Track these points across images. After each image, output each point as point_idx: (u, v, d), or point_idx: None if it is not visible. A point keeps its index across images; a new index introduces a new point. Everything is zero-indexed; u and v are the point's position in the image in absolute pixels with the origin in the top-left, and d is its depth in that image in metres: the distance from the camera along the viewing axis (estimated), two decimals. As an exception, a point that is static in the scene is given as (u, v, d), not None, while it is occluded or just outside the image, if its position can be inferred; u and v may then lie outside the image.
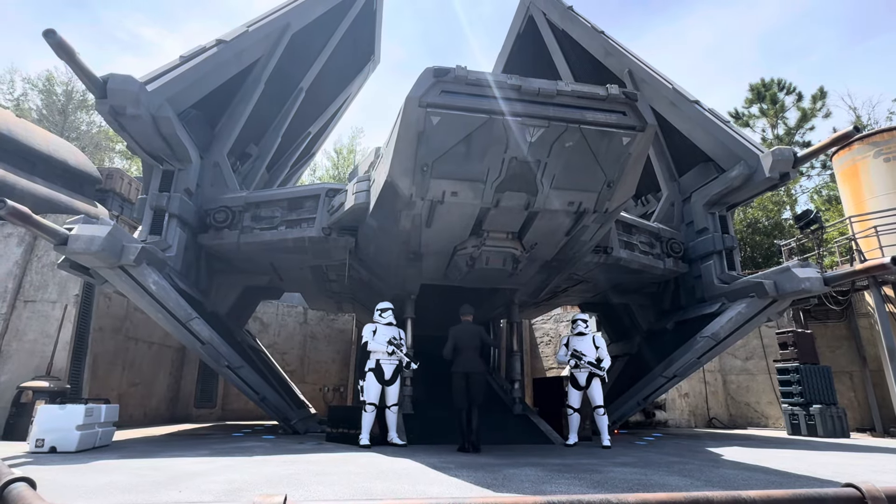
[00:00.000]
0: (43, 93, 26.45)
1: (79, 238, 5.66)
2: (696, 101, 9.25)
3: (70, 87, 26.58)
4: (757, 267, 17.76)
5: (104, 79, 6.39)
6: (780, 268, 7.80)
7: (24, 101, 26.33)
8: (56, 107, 26.16)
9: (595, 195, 5.82)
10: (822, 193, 22.72)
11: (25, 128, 9.94)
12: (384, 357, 6.51)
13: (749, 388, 12.76)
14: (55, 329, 7.66)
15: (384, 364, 6.50)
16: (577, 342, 7.16)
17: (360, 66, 14.91)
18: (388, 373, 6.49)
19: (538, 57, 13.57)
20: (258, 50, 9.12)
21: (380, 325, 6.73)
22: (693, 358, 8.15)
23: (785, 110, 24.76)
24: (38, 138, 10.02)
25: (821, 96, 24.04)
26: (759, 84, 25.20)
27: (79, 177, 10.39)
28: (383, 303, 7.01)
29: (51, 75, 26.46)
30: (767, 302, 7.75)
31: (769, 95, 24.88)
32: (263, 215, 8.01)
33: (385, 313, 6.86)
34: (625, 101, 5.28)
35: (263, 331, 14.57)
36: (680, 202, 9.91)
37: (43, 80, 26.46)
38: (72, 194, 9.84)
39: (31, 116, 24.73)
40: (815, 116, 24.03)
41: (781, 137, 24.07)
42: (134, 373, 10.38)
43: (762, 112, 25.15)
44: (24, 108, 25.72)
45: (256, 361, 9.03)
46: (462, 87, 5.05)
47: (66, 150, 10.59)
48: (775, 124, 24.77)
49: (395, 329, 6.84)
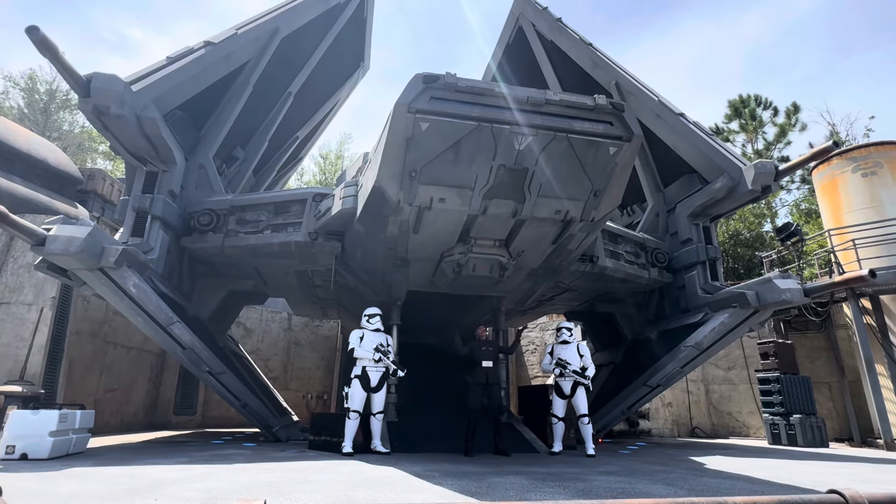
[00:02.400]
0: (25, 91, 25.94)
1: (57, 239, 5.53)
2: (680, 113, 9.40)
3: (53, 86, 26.13)
4: (739, 278, 18.04)
5: (88, 78, 6.27)
6: (762, 279, 7.91)
7: (4, 99, 25.81)
8: (38, 106, 25.67)
9: (582, 204, 5.86)
10: (801, 207, 23.21)
11: (4, 125, 9.72)
12: (371, 364, 6.40)
13: (731, 397, 12.89)
14: (30, 332, 7.45)
15: (370, 371, 6.39)
16: (562, 350, 7.17)
17: (349, 72, 14.90)
18: (374, 380, 6.39)
19: (527, 67, 13.70)
20: (247, 53, 9.06)
21: (367, 332, 6.64)
22: (677, 367, 8.22)
23: (763, 125, 25.31)
24: (17, 137, 9.80)
25: (794, 111, 24.63)
26: (738, 100, 25.75)
27: (59, 177, 10.17)
28: (371, 308, 6.91)
29: (34, 74, 26.00)
30: (750, 312, 7.86)
31: (748, 111, 25.43)
32: (249, 219, 7.92)
33: (373, 319, 6.77)
34: (612, 112, 5.34)
35: (247, 336, 14.34)
36: (665, 213, 10.03)
37: (25, 79, 25.97)
38: (51, 194, 9.62)
39: (11, 115, 24.22)
40: (791, 131, 24.60)
41: (761, 152, 24.58)
42: (112, 378, 10.13)
43: (741, 127, 25.68)
44: (5, 106, 25.20)
45: (239, 367, 8.87)
46: (451, 94, 5.05)
47: (46, 150, 10.37)
48: (754, 139, 25.30)
49: (383, 335, 6.77)
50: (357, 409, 6.19)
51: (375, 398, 6.36)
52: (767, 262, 14.49)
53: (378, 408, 6.35)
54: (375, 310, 6.91)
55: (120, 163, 25.27)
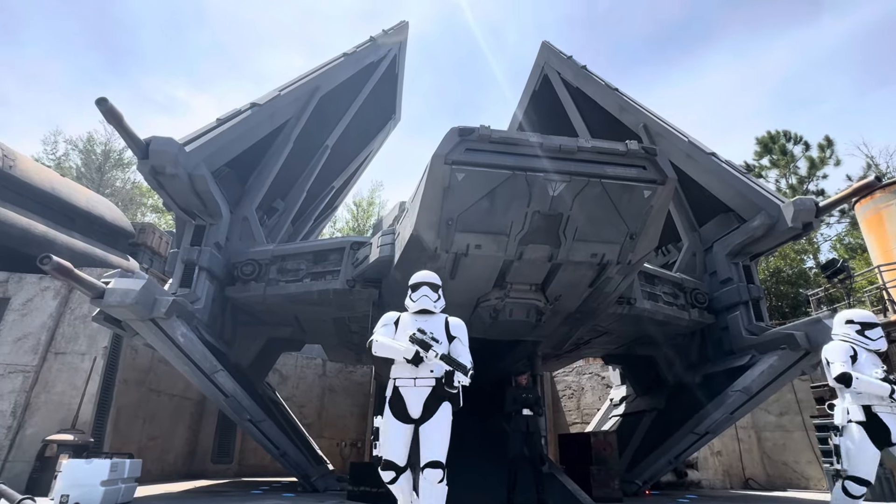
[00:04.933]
0: (83, 152, 27.94)
1: (115, 291, 5.82)
2: (711, 153, 9.37)
3: (108, 146, 28.11)
4: (784, 317, 17.28)
5: (147, 141, 6.76)
6: (810, 319, 7.59)
7: (65, 160, 27.82)
8: (94, 165, 27.56)
9: (618, 247, 5.85)
10: (845, 241, 22.33)
11: (68, 185, 10.46)
12: (405, 374, 3.76)
13: (786, 445, 12.09)
14: (83, 381, 7.72)
15: (406, 390, 3.73)
16: None
17: (382, 123, 15.55)
18: (414, 404, 3.68)
19: (554, 112, 14.00)
20: (288, 111, 9.61)
21: (405, 315, 4.09)
22: (725, 413, 7.83)
23: (795, 160, 24.85)
24: (78, 195, 10.51)
25: (828, 145, 24.15)
26: (766, 137, 25.48)
27: (114, 231, 10.79)
28: (419, 274, 4.27)
29: (91, 136, 28.08)
30: (800, 354, 7.50)
31: (778, 147, 25.09)
32: (289, 268, 8.16)
33: (418, 291, 4.10)
34: (645, 156, 5.40)
35: (282, 383, 14.45)
36: (702, 252, 9.84)
37: (84, 141, 28.06)
38: (107, 248, 10.19)
39: (70, 174, 26.03)
40: (825, 165, 24.04)
41: (795, 187, 24.03)
42: (154, 426, 10.31)
43: (773, 163, 25.28)
44: (66, 166, 27.13)
45: (277, 415, 8.92)
46: (486, 145, 5.24)
47: (103, 206, 11.06)
48: (787, 174, 24.80)
49: (438, 319, 4.04)
50: (393, 460, 3.59)
51: (424, 435, 3.65)
52: (814, 301, 13.87)
53: (432, 454, 3.57)
54: (425, 275, 4.25)
55: (167, 216, 26.64)
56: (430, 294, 4.12)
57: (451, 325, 4.05)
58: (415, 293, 4.13)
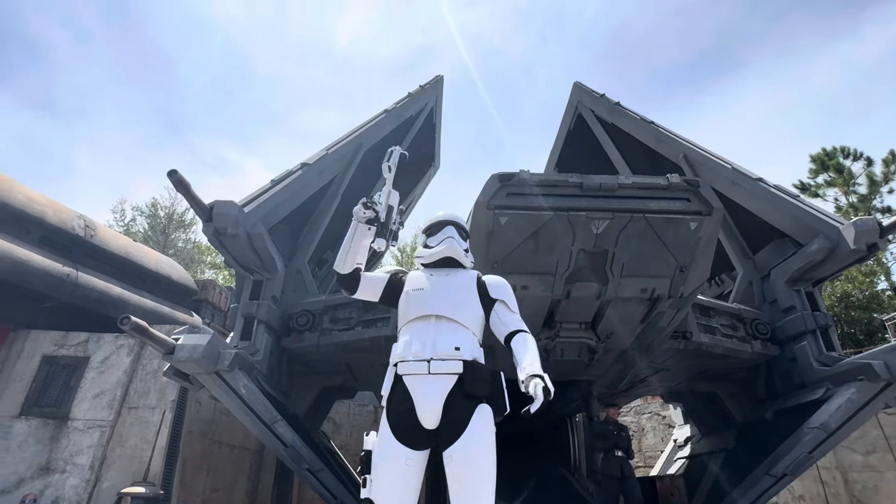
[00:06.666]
0: (149, 217, 30.19)
1: (184, 347, 6.18)
2: (759, 178, 9.12)
3: (171, 209, 30.28)
4: (858, 345, 16.01)
5: (210, 205, 7.31)
6: (889, 346, 7.04)
7: (133, 225, 30.11)
8: (159, 228, 29.65)
9: (668, 280, 5.73)
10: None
11: (139, 249, 11.32)
12: (411, 347, 2.48)
13: (878, 488, 10.95)
14: (153, 434, 8.09)
15: (413, 380, 2.38)
16: None
17: (422, 172, 16.09)
18: (427, 405, 2.30)
19: (591, 149, 14.09)
20: (336, 168, 10.16)
21: (414, 273, 2.97)
22: (803, 452, 7.24)
23: (854, 177, 23.61)
24: (148, 258, 11.34)
25: (893, 160, 22.85)
26: (821, 154, 24.44)
27: (179, 289, 11.50)
28: (441, 212, 3.16)
29: (156, 202, 30.41)
30: (881, 386, 6.92)
31: (833, 164, 23.97)
32: (341, 317, 8.40)
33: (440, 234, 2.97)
34: (687, 188, 5.36)
35: (336, 431, 14.52)
36: (758, 280, 9.41)
37: (149, 206, 30.38)
38: (173, 305, 10.84)
39: (138, 237, 28.07)
40: (892, 180, 22.70)
41: (857, 206, 22.73)
42: (217, 478, 10.54)
43: (829, 182, 24.11)
44: (133, 231, 29.32)
45: (333, 464, 8.96)
46: (526, 189, 5.36)
47: (169, 267, 11.85)
48: (847, 192, 23.54)
49: (462, 275, 2.89)
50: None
51: (454, 466, 2.17)
52: (891, 326, 12.85)
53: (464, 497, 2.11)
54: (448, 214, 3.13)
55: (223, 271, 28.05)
56: (457, 238, 2.88)
57: (488, 284, 2.80)
58: (433, 237, 2.89)
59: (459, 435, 2.18)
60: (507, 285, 2.85)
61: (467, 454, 2.15)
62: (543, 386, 2.14)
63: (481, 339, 2.68)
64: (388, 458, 2.22)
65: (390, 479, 2.18)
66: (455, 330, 2.49)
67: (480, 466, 2.15)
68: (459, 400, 2.27)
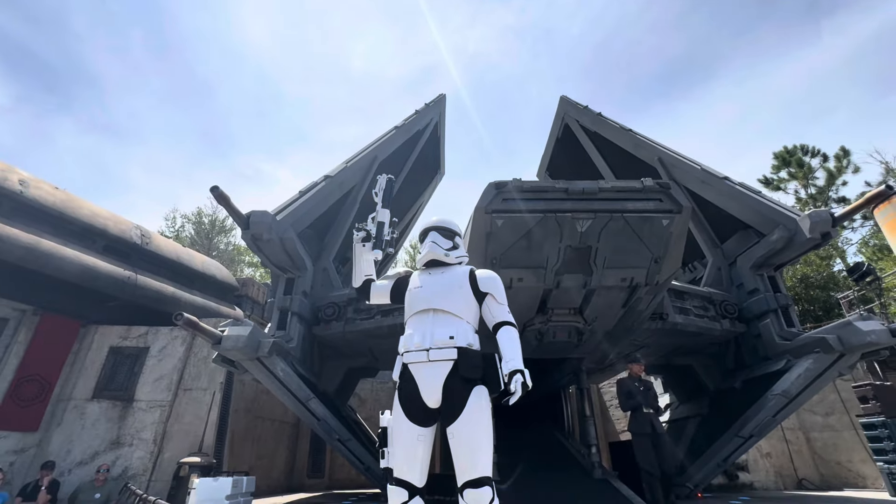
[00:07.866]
0: (195, 224, 30.49)
1: (229, 338, 6.32)
2: (724, 177, 9.08)
3: (213, 216, 30.56)
4: (817, 320, 15.88)
5: (247, 215, 7.42)
6: (841, 322, 7.03)
7: (181, 231, 30.44)
8: (204, 233, 29.95)
9: (644, 270, 5.76)
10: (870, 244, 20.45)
11: (188, 253, 11.49)
12: (414, 339, 2.57)
13: (836, 445, 10.92)
14: (205, 412, 8.27)
15: (417, 368, 2.47)
16: None
17: (429, 178, 16.12)
18: (428, 387, 2.40)
19: (577, 155, 14.05)
20: (354, 179, 10.23)
21: (415, 274, 2.91)
22: (768, 416, 7.26)
23: (813, 171, 23.31)
24: (195, 260, 11.51)
25: (844, 155, 22.54)
26: (783, 151, 24.13)
27: (223, 287, 11.66)
28: (430, 219, 3.10)
29: (200, 210, 30.71)
30: (835, 357, 6.92)
31: (794, 160, 23.67)
32: (363, 308, 8.51)
33: (426, 240, 2.94)
34: (659, 190, 5.38)
35: (361, 405, 14.69)
36: (726, 266, 9.39)
37: (195, 215, 30.69)
38: (218, 301, 11.01)
39: (185, 242, 28.39)
40: (843, 173, 22.39)
41: (815, 196, 22.46)
42: (260, 447, 10.75)
43: (791, 175, 23.82)
44: (182, 236, 29.64)
45: (360, 434, 9.10)
46: (519, 194, 5.41)
47: (214, 268, 12.02)
48: (807, 185, 23.26)
49: (452, 271, 2.80)
50: (403, 477, 2.31)
51: (455, 441, 2.29)
52: (845, 303, 12.74)
53: (471, 468, 2.22)
54: (433, 220, 3.06)
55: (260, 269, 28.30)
56: (439, 240, 2.85)
57: (478, 278, 2.67)
58: (422, 244, 2.91)
59: (458, 415, 2.31)
60: (496, 278, 2.76)
61: (465, 431, 2.29)
62: (522, 381, 2.29)
63: (477, 326, 2.72)
64: (402, 433, 2.37)
65: (404, 451, 2.34)
66: (450, 321, 2.57)
67: (477, 441, 2.27)
68: (457, 382, 2.37)
